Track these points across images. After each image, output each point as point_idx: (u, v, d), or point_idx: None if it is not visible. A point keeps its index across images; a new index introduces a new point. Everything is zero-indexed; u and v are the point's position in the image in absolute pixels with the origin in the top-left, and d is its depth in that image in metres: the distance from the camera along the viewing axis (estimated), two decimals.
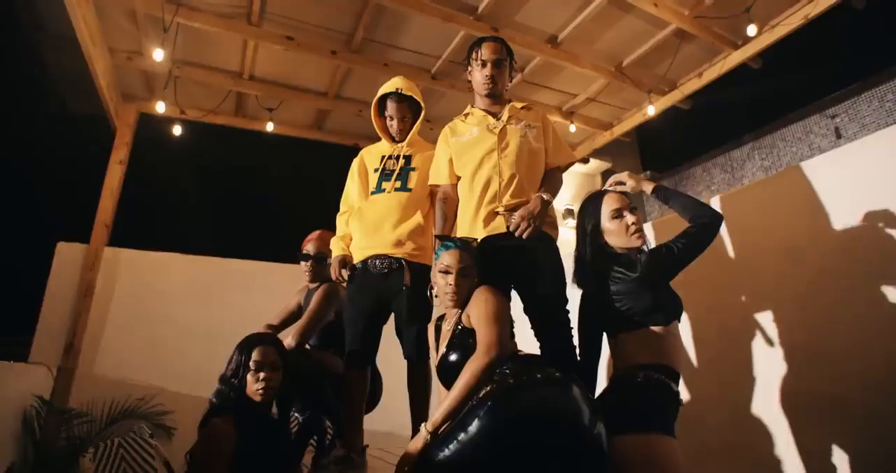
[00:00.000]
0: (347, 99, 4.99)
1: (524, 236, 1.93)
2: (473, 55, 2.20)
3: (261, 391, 1.84)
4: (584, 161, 6.59)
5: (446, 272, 1.80)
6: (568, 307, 1.99)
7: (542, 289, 1.95)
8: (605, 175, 6.93)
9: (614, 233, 1.88)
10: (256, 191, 5.07)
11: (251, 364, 1.88)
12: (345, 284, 2.42)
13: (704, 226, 1.89)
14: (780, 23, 4.01)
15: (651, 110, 4.81)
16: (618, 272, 1.86)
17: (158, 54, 3.49)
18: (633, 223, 1.86)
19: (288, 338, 2.44)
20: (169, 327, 4.22)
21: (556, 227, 2.11)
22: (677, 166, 7.26)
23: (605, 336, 1.91)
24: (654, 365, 1.71)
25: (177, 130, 4.54)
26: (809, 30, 4.04)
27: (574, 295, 2.00)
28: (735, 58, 4.40)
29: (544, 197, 2.02)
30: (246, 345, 1.95)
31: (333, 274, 2.40)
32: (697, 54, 4.54)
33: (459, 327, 1.77)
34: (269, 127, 4.86)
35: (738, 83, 4.84)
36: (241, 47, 4.20)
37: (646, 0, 3.74)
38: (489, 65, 2.16)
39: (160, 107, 4.14)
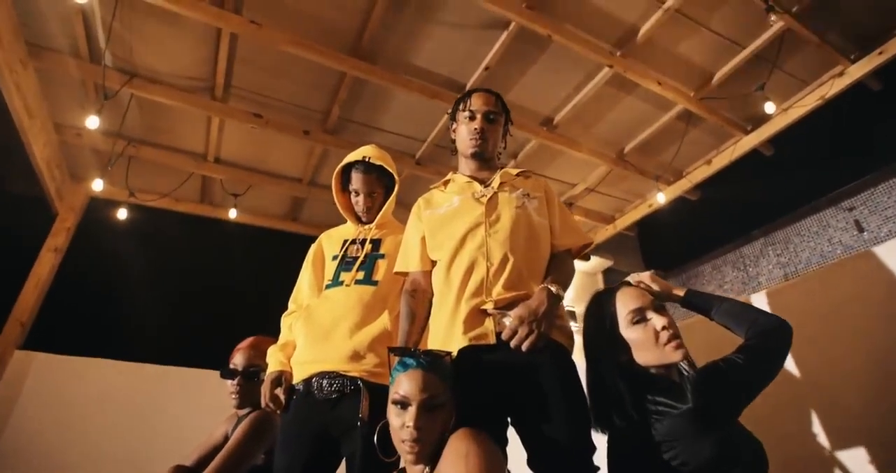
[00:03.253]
0: (323, 186, 4.54)
1: (524, 347, 1.29)
2: (461, 107, 1.74)
3: None
4: (585, 258, 6.08)
5: (403, 405, 1.14)
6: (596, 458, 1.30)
7: (554, 431, 1.25)
8: (607, 274, 6.36)
9: (639, 345, 1.29)
10: (215, 289, 4.42)
11: None
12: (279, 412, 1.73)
13: (771, 333, 1.30)
14: (794, 104, 3.69)
15: (661, 198, 4.36)
16: (658, 404, 1.24)
17: (93, 121, 3.04)
18: (663, 327, 1.26)
19: None
20: (79, 453, 3.34)
21: (570, 335, 1.46)
22: (683, 263, 6.72)
23: None
24: None
25: (122, 214, 4.01)
26: (824, 113, 3.73)
27: (600, 441, 1.33)
28: (746, 143, 4.05)
29: (552, 289, 1.40)
30: None
31: (263, 397, 1.70)
32: (705, 140, 4.20)
33: None
34: (233, 213, 4.35)
35: (748, 172, 4.46)
36: (205, 125, 3.80)
37: (649, 78, 3.43)
38: (479, 117, 1.68)
39: (97, 185, 3.62)
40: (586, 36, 3.20)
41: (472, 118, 1.70)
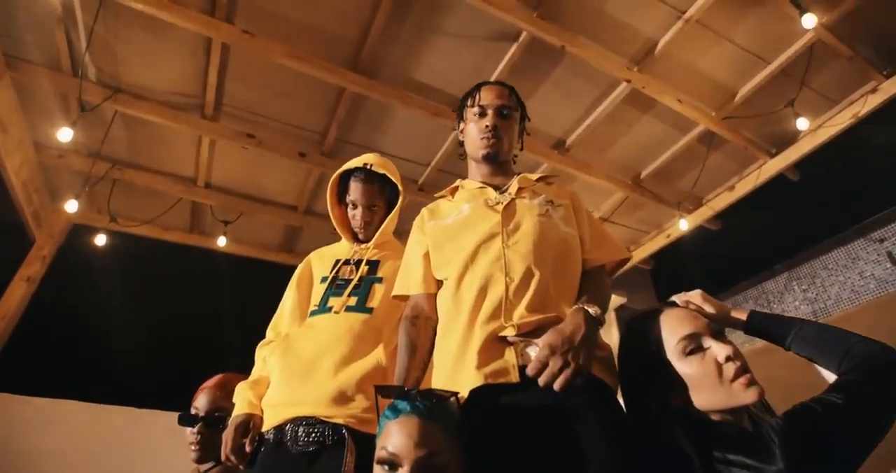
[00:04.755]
0: (320, 215, 4.27)
1: (557, 386, 0.98)
2: (469, 102, 1.48)
3: None
4: None
5: (391, 465, 0.82)
6: None
7: None
8: (619, 311, 5.96)
9: (696, 383, 0.98)
10: (201, 326, 4.09)
11: None
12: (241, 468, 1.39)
13: (877, 364, 0.99)
14: (824, 124, 3.45)
15: (683, 225, 4.06)
16: (731, 463, 0.93)
17: (65, 134, 2.80)
18: (727, 358, 0.96)
19: None
20: None
21: (613, 369, 1.15)
22: None
23: None
24: None
25: (100, 241, 3.74)
26: (854, 135, 3.48)
27: None
28: (771, 167, 3.79)
29: (589, 310, 1.10)
30: None
31: (224, 447, 1.37)
32: (727, 164, 3.95)
33: None
34: (222, 242, 4.07)
35: (772, 199, 4.18)
36: (195, 146, 3.57)
37: (668, 95, 3.21)
38: (491, 112, 1.42)
39: (72, 206, 3.35)
40: (601, 49, 3.00)
41: (482, 114, 1.45)
